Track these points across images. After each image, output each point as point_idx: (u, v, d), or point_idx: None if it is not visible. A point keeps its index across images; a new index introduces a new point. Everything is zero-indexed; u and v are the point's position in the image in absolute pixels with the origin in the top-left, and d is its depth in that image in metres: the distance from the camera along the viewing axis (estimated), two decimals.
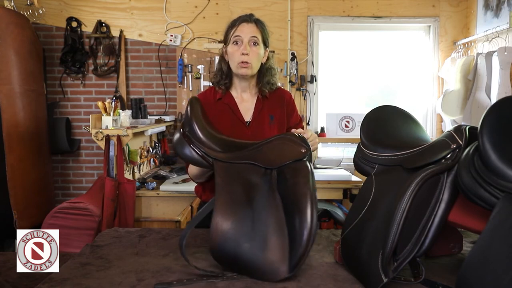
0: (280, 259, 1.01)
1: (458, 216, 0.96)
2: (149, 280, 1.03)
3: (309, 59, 3.72)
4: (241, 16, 1.60)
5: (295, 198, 1.06)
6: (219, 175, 1.17)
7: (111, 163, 2.65)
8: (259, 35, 1.58)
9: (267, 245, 1.03)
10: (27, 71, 3.09)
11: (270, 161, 1.18)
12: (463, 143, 0.98)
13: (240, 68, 1.57)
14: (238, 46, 1.56)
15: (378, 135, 1.26)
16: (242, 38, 1.55)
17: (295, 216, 1.04)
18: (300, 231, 1.01)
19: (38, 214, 2.94)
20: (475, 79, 3.14)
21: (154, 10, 3.69)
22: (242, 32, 1.56)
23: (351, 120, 3.68)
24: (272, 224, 1.05)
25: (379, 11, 3.70)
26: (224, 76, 1.64)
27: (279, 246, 1.02)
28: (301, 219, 1.02)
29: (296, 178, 1.11)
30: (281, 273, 1.01)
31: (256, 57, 1.57)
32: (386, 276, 0.92)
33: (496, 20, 3.15)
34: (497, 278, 0.72)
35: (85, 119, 3.67)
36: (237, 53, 1.55)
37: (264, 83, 1.63)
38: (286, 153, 1.18)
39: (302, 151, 1.18)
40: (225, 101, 1.64)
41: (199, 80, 3.68)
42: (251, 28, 1.57)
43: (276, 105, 1.66)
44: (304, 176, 1.10)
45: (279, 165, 1.16)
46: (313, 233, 1.01)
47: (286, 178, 1.12)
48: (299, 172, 1.12)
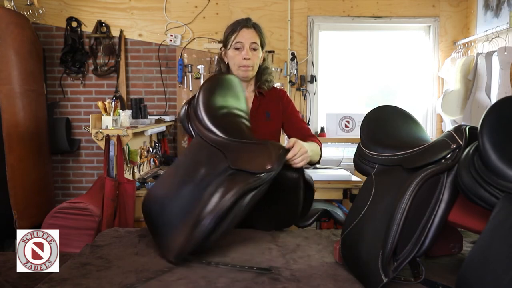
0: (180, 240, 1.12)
1: (458, 216, 0.96)
2: (149, 280, 1.03)
3: (309, 59, 3.72)
4: (240, 22, 1.70)
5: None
6: (190, 144, 1.33)
7: (111, 163, 2.65)
8: (258, 40, 1.69)
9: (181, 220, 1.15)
10: (27, 71, 3.09)
11: (235, 160, 1.20)
12: (463, 143, 0.98)
13: (241, 71, 1.68)
14: (239, 51, 1.67)
15: (378, 135, 1.26)
16: (243, 43, 1.66)
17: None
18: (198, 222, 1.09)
19: (38, 214, 2.94)
20: (475, 79, 3.14)
21: (154, 10, 3.69)
22: (243, 38, 1.67)
23: (351, 120, 3.68)
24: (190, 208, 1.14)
25: (379, 11, 3.70)
26: None
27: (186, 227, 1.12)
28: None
29: (227, 183, 1.14)
30: (170, 255, 1.13)
31: (257, 60, 1.70)
32: (386, 276, 0.92)
33: (496, 20, 3.15)
34: (497, 278, 0.72)
35: (85, 119, 3.67)
36: (239, 57, 1.67)
37: (263, 81, 1.75)
38: (252, 162, 1.19)
39: (266, 167, 1.17)
40: None
41: (199, 80, 3.68)
42: (251, 33, 1.68)
43: (272, 103, 1.77)
44: (235, 188, 1.11)
45: (237, 168, 1.18)
46: (202, 232, 1.08)
47: (229, 179, 1.16)
48: (237, 182, 1.13)
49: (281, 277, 1.05)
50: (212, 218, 1.08)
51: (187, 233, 1.10)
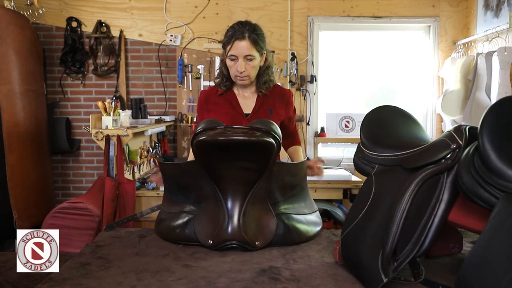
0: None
1: (458, 216, 0.96)
2: (149, 280, 1.03)
3: (309, 59, 3.71)
4: (235, 32, 1.65)
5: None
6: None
7: (111, 163, 2.65)
8: (253, 51, 1.65)
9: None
10: (27, 71, 3.09)
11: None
12: (463, 143, 0.98)
13: (238, 80, 1.71)
14: (234, 62, 1.67)
15: (378, 135, 1.26)
16: (237, 56, 1.65)
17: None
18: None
19: (38, 214, 2.94)
20: (475, 79, 3.14)
21: (154, 10, 3.69)
22: (237, 50, 1.65)
23: (351, 120, 3.68)
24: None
25: (379, 11, 3.69)
26: (225, 79, 1.76)
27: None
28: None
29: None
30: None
31: (253, 69, 1.69)
32: (386, 276, 0.92)
33: (496, 20, 3.15)
34: (497, 278, 0.72)
35: (85, 119, 3.67)
36: (234, 68, 1.67)
37: (262, 83, 1.75)
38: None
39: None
40: (226, 96, 1.77)
41: (199, 80, 3.68)
42: (244, 46, 1.64)
43: (275, 101, 1.78)
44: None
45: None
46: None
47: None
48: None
49: (281, 277, 1.05)
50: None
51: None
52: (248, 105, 1.76)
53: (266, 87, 1.75)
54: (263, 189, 1.29)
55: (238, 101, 1.76)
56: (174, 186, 1.40)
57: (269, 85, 1.76)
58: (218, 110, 1.74)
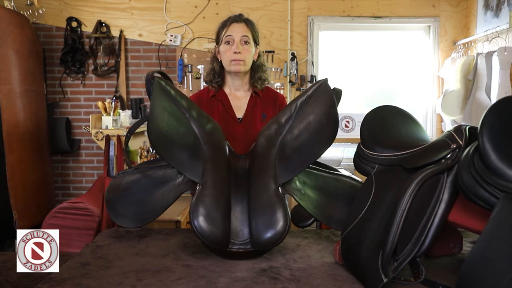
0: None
1: (458, 216, 0.96)
2: (149, 280, 1.03)
3: (309, 59, 3.71)
4: (231, 17, 1.68)
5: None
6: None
7: (111, 163, 2.65)
8: (249, 34, 1.66)
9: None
10: (27, 71, 3.09)
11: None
12: (463, 143, 0.98)
13: (233, 65, 1.65)
14: (230, 46, 1.64)
15: (378, 135, 1.26)
16: (233, 37, 1.64)
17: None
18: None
19: (38, 214, 2.94)
20: (475, 79, 3.14)
21: (154, 10, 3.69)
22: (233, 31, 1.64)
23: (351, 120, 3.68)
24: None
25: (379, 11, 3.69)
26: (216, 75, 1.72)
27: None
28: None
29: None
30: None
31: (248, 54, 1.66)
32: (386, 276, 0.92)
33: (496, 20, 3.15)
34: (497, 278, 0.72)
35: (85, 119, 3.67)
36: (230, 52, 1.64)
37: (256, 78, 1.71)
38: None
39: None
40: (218, 97, 1.72)
41: (199, 80, 3.68)
42: (241, 27, 1.65)
43: (269, 105, 1.74)
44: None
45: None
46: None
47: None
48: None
49: (281, 277, 1.05)
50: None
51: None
52: (241, 107, 1.72)
53: (261, 83, 1.72)
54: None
55: (230, 102, 1.71)
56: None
57: (263, 82, 1.73)
58: (210, 114, 1.61)
